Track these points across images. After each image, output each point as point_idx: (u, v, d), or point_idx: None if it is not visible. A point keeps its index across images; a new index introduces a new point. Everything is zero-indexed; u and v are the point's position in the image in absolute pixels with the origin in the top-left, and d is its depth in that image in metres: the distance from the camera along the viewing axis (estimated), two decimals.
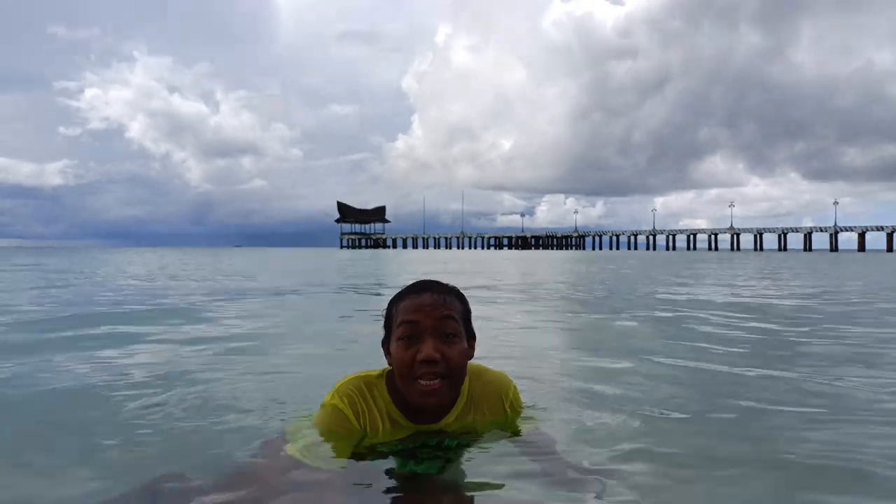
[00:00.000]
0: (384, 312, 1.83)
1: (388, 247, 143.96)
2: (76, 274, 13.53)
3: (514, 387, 1.98)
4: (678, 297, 7.95)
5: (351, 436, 1.74)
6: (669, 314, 6.01)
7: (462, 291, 1.84)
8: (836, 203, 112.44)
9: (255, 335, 4.33)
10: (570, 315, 6.03)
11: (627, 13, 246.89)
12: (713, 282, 11.54)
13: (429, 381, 1.68)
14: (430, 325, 1.68)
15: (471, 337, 1.83)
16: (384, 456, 1.69)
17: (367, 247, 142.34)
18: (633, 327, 5.08)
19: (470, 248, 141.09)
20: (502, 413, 1.90)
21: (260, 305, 6.77)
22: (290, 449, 1.72)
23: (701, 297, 7.95)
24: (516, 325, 5.15)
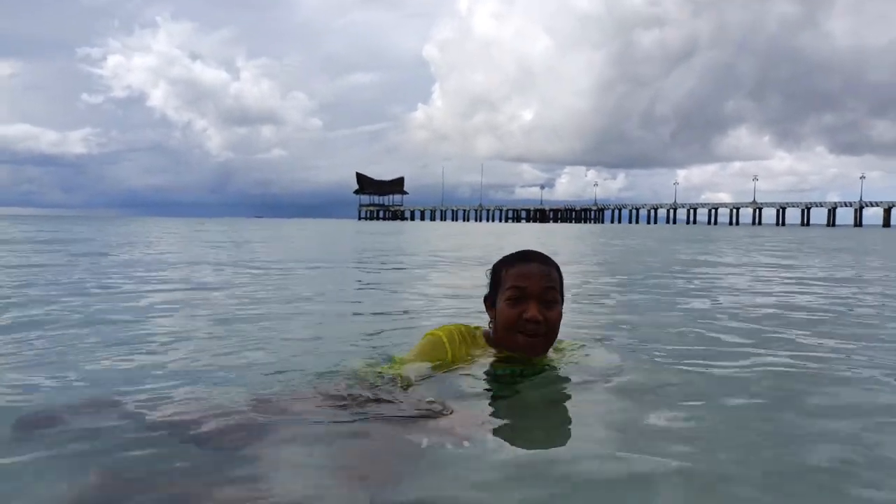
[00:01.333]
0: (489, 273, 2.19)
1: (406, 219, 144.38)
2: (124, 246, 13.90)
3: (580, 345, 2.38)
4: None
5: (441, 362, 2.04)
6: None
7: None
8: (862, 177, 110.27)
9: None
10: None
11: None
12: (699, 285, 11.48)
13: (531, 336, 2.04)
14: (536, 291, 2.03)
15: (564, 299, 2.17)
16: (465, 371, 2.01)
17: (385, 218, 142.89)
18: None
19: (488, 220, 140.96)
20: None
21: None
22: (383, 368, 2.09)
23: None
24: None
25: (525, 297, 2.03)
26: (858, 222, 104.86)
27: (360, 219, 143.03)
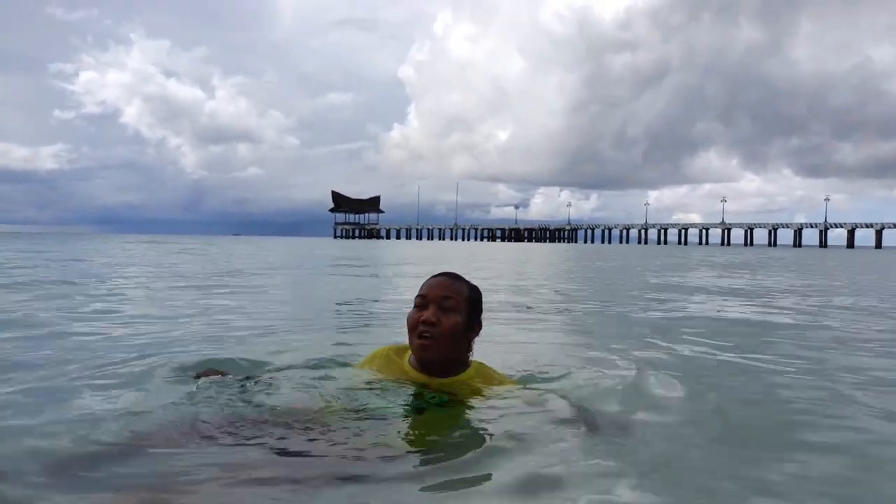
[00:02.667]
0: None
1: (382, 237, 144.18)
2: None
3: (514, 384, 2.40)
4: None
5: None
6: None
7: (476, 287, 2.33)
8: (826, 199, 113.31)
9: None
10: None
11: (627, 6, 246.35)
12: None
13: (425, 339, 2.17)
14: (435, 297, 2.21)
15: (475, 323, 2.30)
16: (374, 389, 2.17)
17: (360, 237, 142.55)
18: None
19: (463, 239, 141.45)
20: None
21: None
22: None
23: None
24: None
25: (426, 303, 2.21)
26: (823, 243, 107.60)
27: (335, 237, 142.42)
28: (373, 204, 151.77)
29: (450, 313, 2.20)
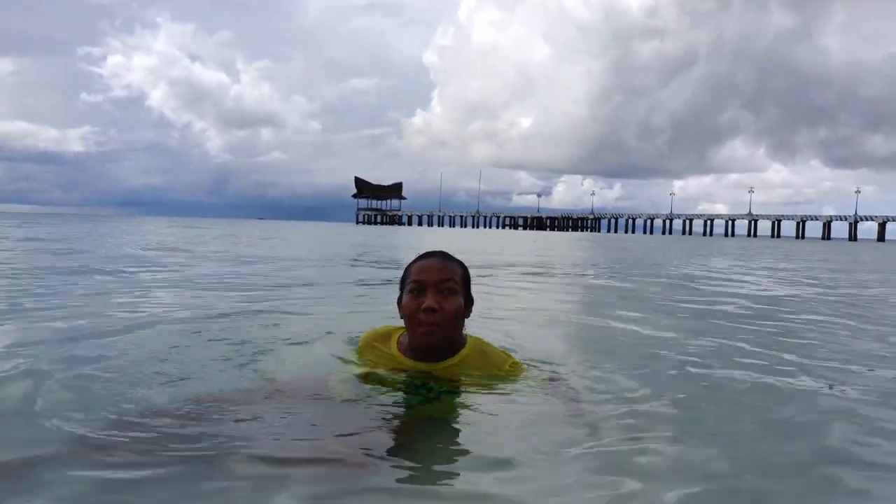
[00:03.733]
0: (400, 278, 2.26)
1: (404, 223, 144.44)
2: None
3: (514, 362, 2.32)
4: None
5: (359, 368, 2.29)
6: None
7: (464, 264, 2.28)
8: (857, 191, 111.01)
9: None
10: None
11: None
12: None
13: (427, 325, 2.10)
14: (433, 281, 2.12)
15: (469, 300, 2.24)
16: (382, 392, 2.10)
17: (382, 223, 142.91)
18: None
19: (485, 226, 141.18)
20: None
21: None
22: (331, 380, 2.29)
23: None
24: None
25: (423, 288, 2.12)
26: (853, 236, 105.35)
27: (357, 223, 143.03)
28: (395, 190, 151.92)
29: (450, 296, 2.13)
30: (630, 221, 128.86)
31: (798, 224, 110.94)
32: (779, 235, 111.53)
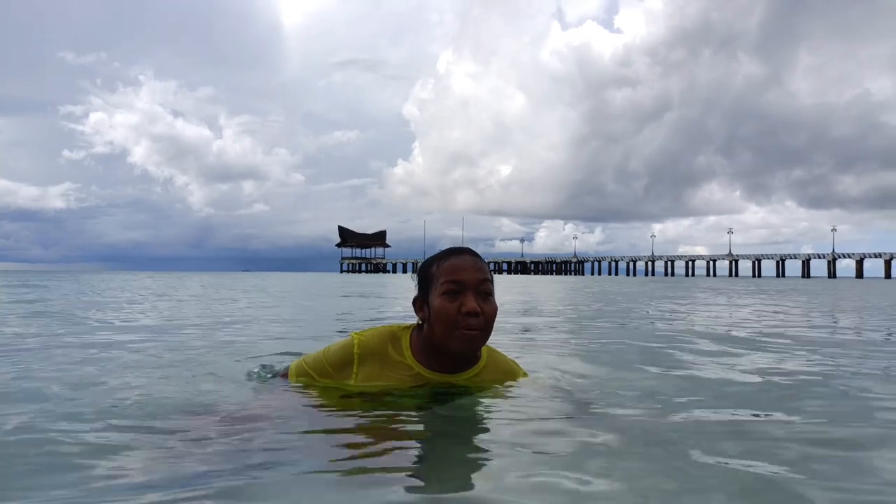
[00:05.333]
0: (415, 276, 2.10)
1: (388, 271, 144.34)
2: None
3: (525, 373, 2.23)
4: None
5: (340, 378, 2.00)
6: None
7: None
8: (833, 230, 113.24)
9: None
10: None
11: (626, 43, 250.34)
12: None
13: (470, 329, 1.90)
14: (473, 282, 1.92)
15: None
16: (398, 396, 1.94)
17: (367, 271, 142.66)
18: None
19: None
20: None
21: None
22: (291, 372, 2.12)
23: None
24: None
25: (462, 289, 1.92)
26: (833, 273, 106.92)
27: (342, 272, 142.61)
28: (379, 238, 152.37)
29: (489, 298, 1.96)
30: (613, 264, 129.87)
31: (778, 263, 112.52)
32: (760, 275, 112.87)
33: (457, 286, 1.92)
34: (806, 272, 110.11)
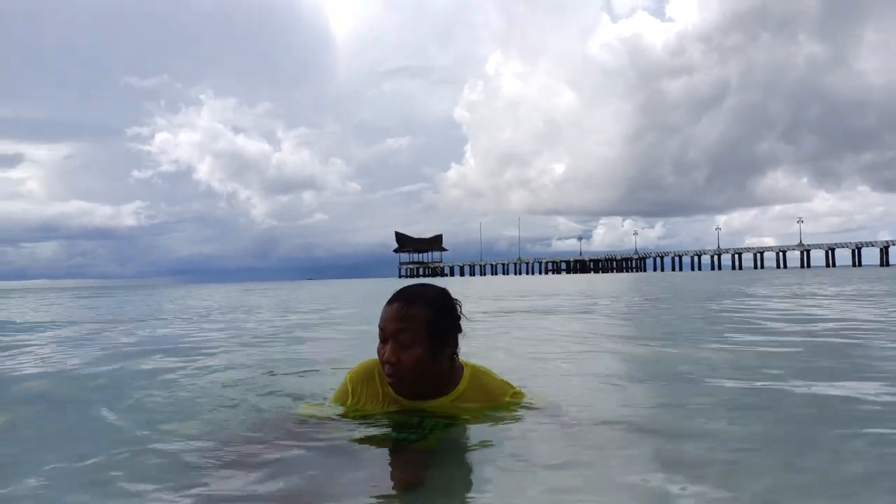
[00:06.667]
0: None
1: (446, 275, 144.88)
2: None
3: (516, 392, 2.24)
4: None
5: (346, 404, 2.19)
6: None
7: (440, 296, 2.12)
8: None
9: None
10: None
11: (678, 31, 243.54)
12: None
13: (390, 377, 2.05)
14: (390, 331, 2.03)
15: (444, 344, 2.07)
16: (374, 426, 2.05)
17: (425, 275, 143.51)
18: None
19: (527, 273, 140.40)
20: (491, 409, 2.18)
21: None
22: (304, 407, 2.36)
23: None
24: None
25: (385, 337, 2.05)
26: None
27: (400, 276, 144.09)
28: (435, 242, 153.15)
29: (408, 349, 2.01)
30: (677, 259, 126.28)
31: (853, 251, 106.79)
32: (834, 265, 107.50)
33: (382, 333, 2.07)
34: (885, 260, 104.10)
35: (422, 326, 2.02)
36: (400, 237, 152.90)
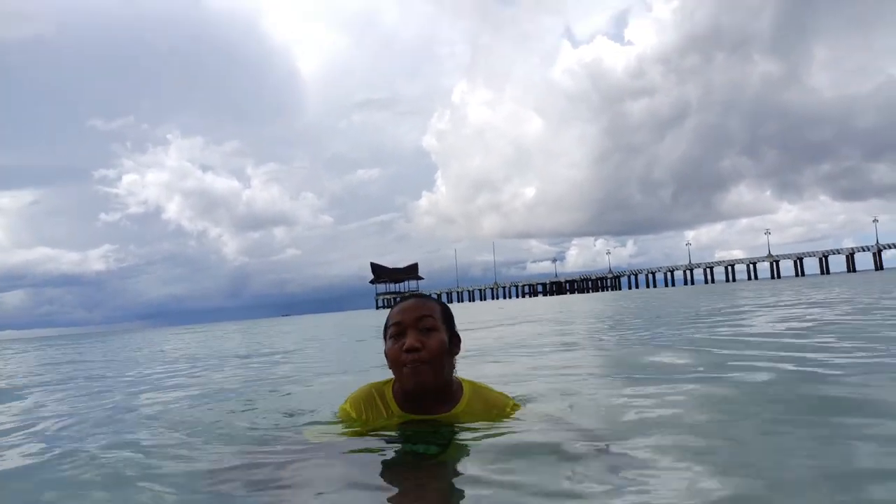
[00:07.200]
0: (383, 330, 2.18)
1: None
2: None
3: (514, 404, 2.27)
4: None
5: (352, 427, 2.15)
6: None
7: (442, 301, 2.23)
8: (875, 220, 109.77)
9: None
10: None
11: (638, 54, 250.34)
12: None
13: (413, 364, 2.01)
14: (411, 321, 2.06)
15: (454, 338, 2.16)
16: (386, 440, 2.02)
17: None
18: None
19: (505, 297, 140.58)
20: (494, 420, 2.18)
21: None
22: (307, 433, 2.24)
23: None
24: None
25: (403, 330, 2.06)
26: (879, 266, 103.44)
27: (377, 308, 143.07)
28: (411, 271, 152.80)
29: (431, 333, 2.06)
30: (650, 276, 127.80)
31: (821, 260, 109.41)
32: (803, 274, 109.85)
33: (398, 328, 2.07)
34: (851, 267, 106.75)
35: (439, 315, 2.11)
36: (375, 268, 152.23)
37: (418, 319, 2.06)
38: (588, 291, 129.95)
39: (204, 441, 2.46)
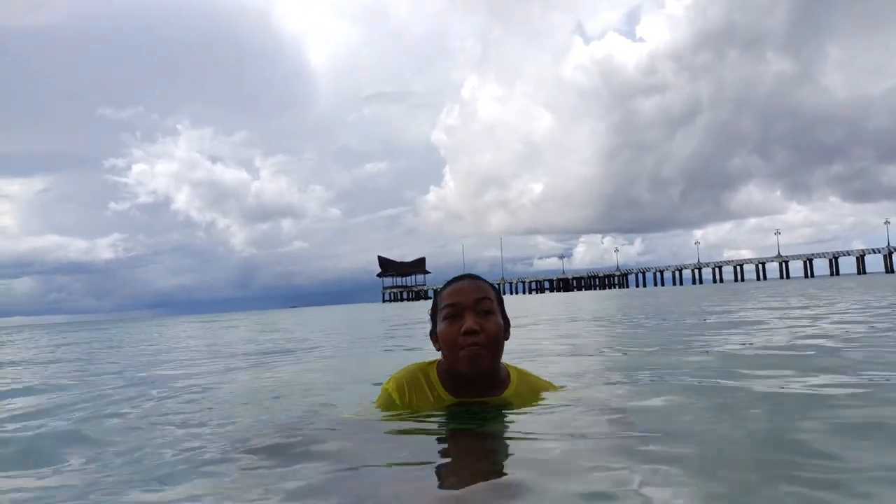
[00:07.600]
0: (430, 309, 2.14)
1: (430, 298, 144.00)
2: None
3: (556, 388, 2.27)
4: None
5: (395, 411, 2.09)
6: None
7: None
8: (886, 222, 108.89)
9: None
10: None
11: (650, 51, 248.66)
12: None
13: (472, 347, 1.95)
14: (469, 303, 2.00)
15: (506, 321, 2.10)
16: (432, 418, 1.99)
17: (409, 299, 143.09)
18: None
19: (511, 293, 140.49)
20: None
21: None
22: (346, 414, 2.25)
23: None
24: None
25: (460, 312, 1.99)
26: (890, 268, 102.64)
27: (384, 301, 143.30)
28: (418, 265, 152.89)
29: (489, 316, 2.01)
30: (658, 275, 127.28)
31: (830, 261, 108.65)
32: (812, 275, 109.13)
33: (455, 309, 2.00)
34: (861, 269, 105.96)
35: (495, 298, 2.07)
36: (383, 261, 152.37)
37: (477, 301, 2.00)
38: (595, 288, 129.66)
39: (238, 417, 2.56)
